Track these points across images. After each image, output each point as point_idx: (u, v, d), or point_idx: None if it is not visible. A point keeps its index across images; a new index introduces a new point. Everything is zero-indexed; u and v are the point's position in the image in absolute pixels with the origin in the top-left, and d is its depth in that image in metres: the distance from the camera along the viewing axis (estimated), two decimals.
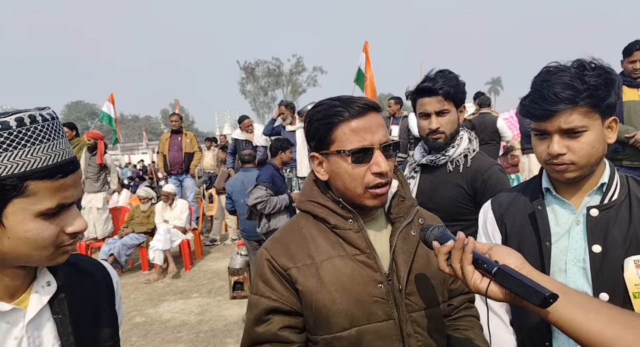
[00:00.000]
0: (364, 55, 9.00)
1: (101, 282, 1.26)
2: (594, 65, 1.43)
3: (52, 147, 0.97)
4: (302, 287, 1.34)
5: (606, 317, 0.95)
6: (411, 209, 1.46)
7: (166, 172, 9.72)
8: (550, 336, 1.53)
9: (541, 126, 1.47)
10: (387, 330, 1.33)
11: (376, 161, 1.32)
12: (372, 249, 1.38)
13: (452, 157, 2.37)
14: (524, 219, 1.62)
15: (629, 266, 1.41)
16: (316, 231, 1.42)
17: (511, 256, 1.10)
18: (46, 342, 1.06)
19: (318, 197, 1.45)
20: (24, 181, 0.93)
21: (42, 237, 0.97)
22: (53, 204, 0.97)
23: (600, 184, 1.52)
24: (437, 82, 2.26)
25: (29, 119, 0.94)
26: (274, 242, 1.44)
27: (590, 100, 1.39)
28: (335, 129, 1.35)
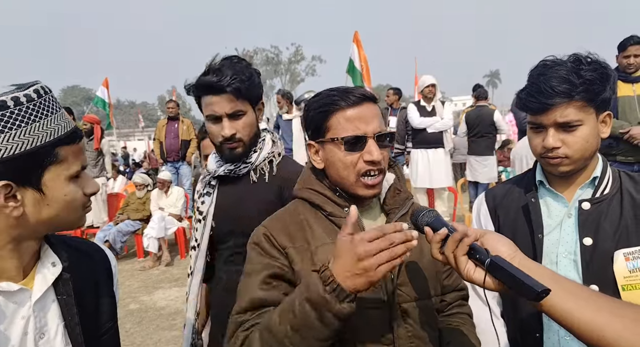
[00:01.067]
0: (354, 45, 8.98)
1: (100, 264, 1.29)
2: (590, 60, 1.45)
3: (63, 115, 1.05)
4: (297, 268, 1.34)
5: (595, 305, 0.97)
6: (406, 202, 1.47)
7: (162, 159, 9.71)
8: (540, 328, 1.55)
9: (537, 119, 1.49)
10: (377, 318, 1.34)
11: (369, 150, 1.34)
12: None
13: (254, 164, 1.95)
14: (518, 211, 1.64)
15: (618, 258, 1.44)
16: (312, 218, 1.44)
17: (503, 244, 1.11)
18: (51, 322, 1.10)
19: (315, 184, 1.47)
20: (55, 148, 1.01)
21: (76, 199, 1.07)
22: (79, 167, 1.06)
23: (592, 178, 1.55)
24: (223, 76, 1.79)
25: (43, 91, 1.02)
26: (274, 222, 1.45)
27: (586, 95, 1.41)
28: (331, 117, 1.37)
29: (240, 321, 1.30)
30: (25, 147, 0.95)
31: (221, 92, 1.80)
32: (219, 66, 1.83)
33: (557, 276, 1.04)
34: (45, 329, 1.08)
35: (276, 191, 1.90)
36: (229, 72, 1.80)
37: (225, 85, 1.79)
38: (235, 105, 1.83)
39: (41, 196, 1.00)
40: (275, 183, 1.92)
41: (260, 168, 1.95)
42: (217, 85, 1.79)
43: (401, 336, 1.35)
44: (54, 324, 1.10)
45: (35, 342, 1.06)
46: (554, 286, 0.98)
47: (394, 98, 9.36)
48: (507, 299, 1.69)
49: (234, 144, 1.88)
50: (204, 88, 1.85)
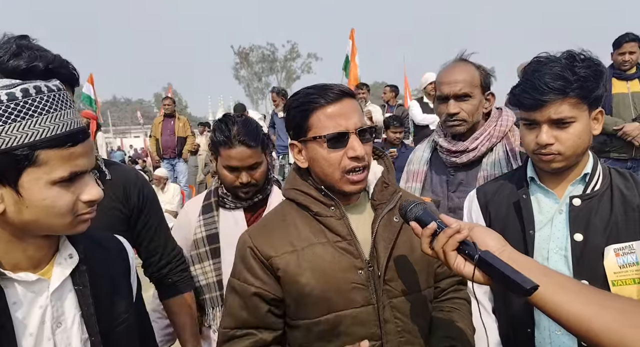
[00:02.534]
0: (350, 42, 9.03)
1: (118, 256, 1.31)
2: (584, 57, 1.45)
3: (60, 116, 1.00)
4: (283, 274, 1.38)
5: (585, 298, 0.98)
6: (394, 196, 1.47)
7: (159, 156, 9.72)
8: (532, 323, 1.57)
9: (531, 116, 1.50)
10: (366, 315, 1.36)
11: (352, 146, 1.35)
12: (353, 235, 1.40)
13: None
14: (509, 208, 1.65)
15: (609, 254, 1.46)
16: (299, 219, 1.44)
17: (492, 238, 1.12)
18: (67, 311, 1.12)
19: (301, 185, 1.47)
20: (35, 151, 0.95)
21: (59, 205, 1.01)
22: (66, 173, 1.00)
23: (583, 174, 1.56)
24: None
25: (34, 90, 0.97)
26: (258, 231, 1.47)
27: (580, 92, 1.42)
28: (311, 115, 1.38)
29: (229, 336, 1.43)
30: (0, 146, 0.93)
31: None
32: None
33: (547, 270, 1.05)
34: (62, 318, 1.10)
35: (120, 197, 1.75)
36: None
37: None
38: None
39: (19, 198, 0.97)
40: (116, 188, 1.75)
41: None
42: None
43: (390, 332, 1.37)
44: (71, 313, 1.12)
45: (52, 331, 1.08)
46: (543, 280, 0.99)
47: (390, 95, 9.37)
48: (498, 294, 1.71)
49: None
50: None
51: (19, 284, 1.04)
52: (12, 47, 1.44)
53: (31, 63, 1.42)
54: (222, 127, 1.99)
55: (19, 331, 1.02)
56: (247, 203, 2.09)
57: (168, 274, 1.93)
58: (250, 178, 2.00)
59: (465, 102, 2.08)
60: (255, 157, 1.99)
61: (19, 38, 1.48)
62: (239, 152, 1.95)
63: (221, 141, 1.97)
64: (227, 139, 1.95)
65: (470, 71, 2.10)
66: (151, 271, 1.93)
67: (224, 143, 1.96)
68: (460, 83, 2.07)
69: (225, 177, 2.03)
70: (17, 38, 1.47)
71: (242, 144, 1.95)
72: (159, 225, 1.90)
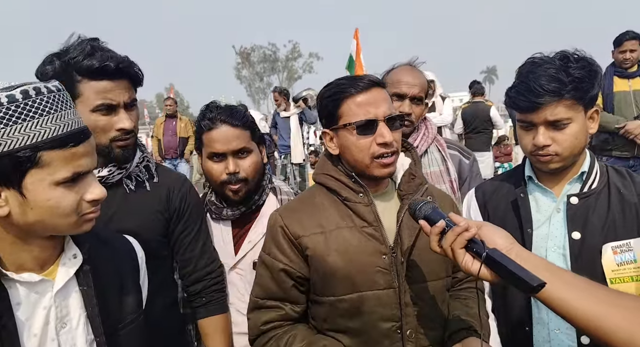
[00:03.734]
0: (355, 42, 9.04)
1: (126, 255, 1.31)
2: (577, 57, 1.46)
3: (61, 117, 1.00)
4: (311, 253, 1.46)
5: (594, 295, 0.98)
6: (420, 187, 1.53)
7: (160, 156, 9.74)
8: (530, 322, 1.58)
9: (527, 118, 1.50)
10: (387, 297, 1.43)
11: (380, 133, 1.42)
12: (379, 222, 1.46)
13: (129, 170, 1.68)
14: (507, 206, 1.66)
15: (606, 252, 1.46)
16: (328, 202, 1.52)
17: (500, 236, 1.13)
18: (72, 312, 1.12)
19: (332, 170, 1.54)
20: (37, 152, 0.96)
21: (63, 205, 1.02)
22: (69, 173, 1.00)
23: (580, 173, 1.57)
24: None
25: (34, 91, 0.98)
26: (288, 211, 1.56)
27: (575, 93, 1.42)
28: (342, 104, 1.45)
29: (259, 304, 1.53)
30: (1, 149, 0.93)
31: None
32: None
33: (554, 267, 1.06)
34: (67, 319, 1.10)
35: (163, 201, 1.73)
36: None
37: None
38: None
39: (23, 200, 0.98)
40: (161, 192, 1.74)
41: (136, 174, 1.71)
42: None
43: (409, 314, 1.44)
44: (76, 314, 1.12)
45: (56, 332, 1.08)
46: (550, 277, 1.00)
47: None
48: (497, 293, 1.71)
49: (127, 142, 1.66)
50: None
51: (22, 285, 1.04)
52: (86, 48, 1.51)
53: (103, 62, 1.49)
54: (205, 111, 1.86)
55: (23, 332, 1.02)
56: (230, 216, 1.89)
57: (201, 292, 1.80)
58: (238, 168, 1.81)
59: (417, 106, 2.20)
60: (242, 140, 1.81)
61: (91, 40, 1.56)
62: (223, 132, 1.79)
63: (204, 125, 1.82)
64: (209, 120, 1.81)
65: (424, 79, 2.24)
66: (185, 284, 1.83)
67: (206, 126, 1.81)
68: (418, 86, 2.18)
69: (210, 170, 1.83)
70: (89, 40, 1.55)
71: (225, 123, 1.79)
72: (197, 236, 1.80)
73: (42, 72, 1.51)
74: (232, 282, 1.89)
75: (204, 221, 1.86)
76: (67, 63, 1.49)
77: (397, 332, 1.43)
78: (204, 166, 1.88)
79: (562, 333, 1.51)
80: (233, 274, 1.89)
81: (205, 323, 1.82)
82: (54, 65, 1.49)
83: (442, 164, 2.25)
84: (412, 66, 2.27)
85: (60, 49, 1.54)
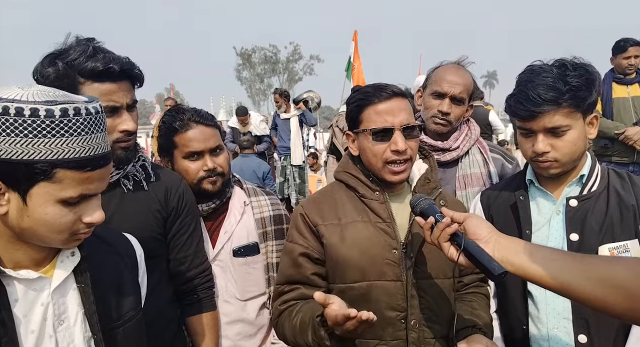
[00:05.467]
0: (353, 44, 9.07)
1: (125, 254, 1.31)
2: (575, 65, 1.50)
3: (89, 140, 1.01)
4: (327, 241, 1.58)
5: (567, 267, 1.09)
6: (434, 191, 1.64)
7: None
8: (528, 321, 1.61)
9: (526, 125, 1.54)
10: (394, 289, 1.53)
11: (395, 140, 1.52)
12: (393, 219, 1.58)
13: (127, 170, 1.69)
14: (508, 209, 1.70)
15: (603, 253, 1.49)
16: (346, 198, 1.64)
17: (482, 228, 1.25)
18: (70, 309, 1.12)
19: (351, 169, 1.67)
20: (54, 168, 0.97)
21: (59, 222, 1.02)
22: (76, 194, 1.01)
23: (580, 176, 1.60)
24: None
25: (73, 111, 0.98)
26: (309, 202, 1.72)
27: (573, 101, 1.46)
28: (364, 110, 1.58)
29: (279, 291, 1.63)
30: (22, 156, 0.94)
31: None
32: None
33: (532, 248, 1.16)
34: (65, 316, 1.11)
35: (160, 199, 1.75)
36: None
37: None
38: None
39: (24, 206, 0.99)
40: (159, 190, 1.76)
41: (133, 174, 1.72)
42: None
43: (414, 306, 1.53)
44: (74, 311, 1.12)
45: (54, 329, 1.09)
46: (528, 258, 1.13)
47: None
48: (497, 294, 1.75)
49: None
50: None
51: (20, 282, 1.05)
52: (88, 49, 1.50)
53: (107, 65, 1.49)
54: (173, 114, 1.91)
55: (20, 328, 1.03)
56: (205, 211, 1.94)
57: (195, 290, 1.85)
58: (215, 164, 1.89)
59: (458, 106, 2.17)
60: (217, 138, 1.92)
61: (87, 40, 1.55)
62: (200, 132, 1.87)
63: (177, 127, 1.86)
64: (183, 122, 1.86)
65: (469, 79, 2.20)
66: (178, 282, 1.84)
67: (180, 127, 1.86)
68: (461, 86, 2.14)
69: (187, 169, 1.88)
70: (86, 40, 1.55)
71: (200, 123, 1.88)
72: (192, 235, 1.83)
73: (42, 74, 1.50)
74: (214, 274, 1.95)
75: (198, 221, 1.90)
76: (70, 65, 1.48)
77: (402, 322, 1.52)
78: (178, 166, 1.92)
79: (560, 331, 1.54)
80: (213, 266, 1.96)
81: (195, 320, 1.85)
82: (56, 67, 1.48)
83: (484, 166, 2.25)
84: (459, 65, 2.24)
85: (57, 49, 1.52)
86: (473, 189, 2.15)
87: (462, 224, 1.28)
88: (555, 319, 1.55)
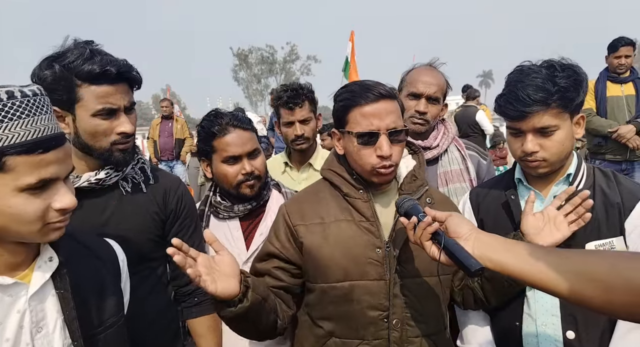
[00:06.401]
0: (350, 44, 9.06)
1: (106, 259, 1.29)
2: (563, 66, 1.52)
3: (32, 122, 0.97)
4: (307, 242, 1.57)
5: (542, 262, 1.08)
6: (420, 188, 1.62)
7: (156, 158, 9.70)
8: (520, 318, 1.63)
9: (515, 125, 1.57)
10: (377, 288, 1.52)
11: (380, 145, 1.49)
12: (377, 218, 1.56)
13: (125, 172, 1.68)
14: (498, 208, 1.72)
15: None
16: (330, 196, 1.63)
17: (462, 226, 1.26)
18: (49, 315, 1.09)
19: (336, 167, 1.65)
20: (2, 157, 0.93)
21: (26, 212, 0.98)
22: (34, 180, 0.96)
23: (567, 175, 1.63)
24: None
25: (6, 95, 0.95)
26: (293, 201, 1.71)
27: (562, 102, 1.49)
28: (350, 111, 1.53)
29: (252, 272, 1.63)
30: None
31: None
32: None
33: (511, 244, 1.17)
34: (43, 323, 1.07)
35: (159, 201, 1.74)
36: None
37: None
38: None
39: None
40: (157, 192, 1.75)
41: (132, 176, 1.71)
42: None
43: (397, 305, 1.52)
44: (53, 318, 1.09)
45: (31, 336, 1.05)
46: (506, 254, 1.14)
47: None
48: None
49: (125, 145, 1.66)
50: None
51: None
52: (86, 52, 1.50)
53: (104, 67, 1.48)
54: (212, 119, 1.94)
55: None
56: (242, 211, 1.98)
57: (194, 292, 1.83)
58: (253, 167, 1.92)
59: (434, 106, 2.24)
60: (254, 142, 1.95)
61: (86, 43, 1.54)
62: (238, 136, 1.90)
63: (215, 131, 1.90)
64: (221, 126, 1.90)
65: (442, 79, 2.28)
66: (177, 284, 1.83)
67: (219, 132, 1.90)
68: (435, 86, 2.22)
69: (226, 173, 1.91)
70: (85, 43, 1.54)
71: (237, 128, 1.91)
72: (192, 237, 1.82)
73: (40, 76, 1.49)
74: None
75: (198, 223, 1.90)
76: (67, 67, 1.47)
77: (384, 321, 1.52)
78: (217, 170, 1.95)
79: (548, 328, 1.56)
80: (245, 268, 1.91)
81: (197, 323, 1.84)
82: (53, 70, 1.47)
83: (462, 163, 2.32)
84: (431, 66, 2.32)
85: (55, 52, 1.51)
86: (454, 185, 2.21)
87: (444, 222, 1.30)
88: (544, 316, 1.57)
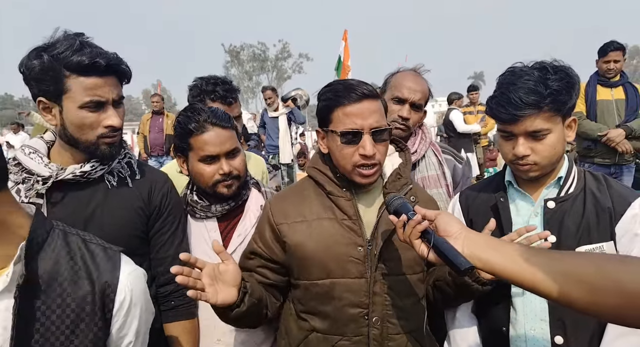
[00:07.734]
0: (343, 43, 9.06)
1: (98, 290, 1.20)
2: (556, 68, 1.50)
3: None
4: (289, 241, 1.59)
5: (529, 263, 1.07)
6: (404, 187, 1.62)
7: (146, 153, 9.65)
8: (507, 323, 1.62)
9: (507, 128, 1.55)
10: (358, 286, 1.54)
11: (363, 144, 1.49)
12: (359, 216, 1.58)
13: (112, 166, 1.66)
14: (488, 210, 1.70)
15: None
16: (314, 194, 1.65)
17: (452, 225, 1.25)
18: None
19: (320, 166, 1.67)
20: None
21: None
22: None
23: (557, 178, 1.62)
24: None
25: None
26: (277, 199, 1.72)
27: (554, 105, 1.47)
28: (333, 111, 1.54)
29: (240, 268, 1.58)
30: None
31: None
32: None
33: (499, 244, 1.16)
34: None
35: (144, 197, 1.72)
36: None
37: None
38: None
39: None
40: (143, 187, 1.73)
41: (118, 170, 1.69)
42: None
43: (377, 303, 1.55)
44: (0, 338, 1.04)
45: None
46: (495, 254, 1.13)
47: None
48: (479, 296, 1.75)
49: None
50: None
51: None
52: (75, 43, 1.49)
53: (93, 59, 1.48)
54: (189, 114, 1.82)
55: None
56: (219, 211, 1.89)
57: (170, 295, 1.77)
58: (231, 168, 1.82)
59: (416, 112, 2.23)
60: (233, 141, 1.83)
61: (76, 35, 1.54)
62: (216, 135, 1.78)
63: (192, 128, 1.78)
64: (199, 123, 1.78)
65: (426, 87, 2.28)
66: (156, 284, 1.78)
67: (195, 129, 1.78)
68: (420, 93, 2.22)
69: (202, 172, 1.81)
70: (75, 34, 1.54)
71: (216, 126, 1.79)
72: (174, 235, 1.79)
73: (28, 66, 1.48)
74: None
75: (182, 222, 1.85)
76: (55, 58, 1.46)
77: (364, 318, 1.54)
78: (193, 168, 1.85)
79: (537, 332, 1.55)
80: None
81: (172, 327, 1.79)
82: (41, 60, 1.46)
83: (439, 168, 2.31)
84: (416, 72, 2.31)
85: (45, 43, 1.50)
86: (431, 190, 2.18)
87: (434, 221, 1.29)
88: (533, 321, 1.56)
